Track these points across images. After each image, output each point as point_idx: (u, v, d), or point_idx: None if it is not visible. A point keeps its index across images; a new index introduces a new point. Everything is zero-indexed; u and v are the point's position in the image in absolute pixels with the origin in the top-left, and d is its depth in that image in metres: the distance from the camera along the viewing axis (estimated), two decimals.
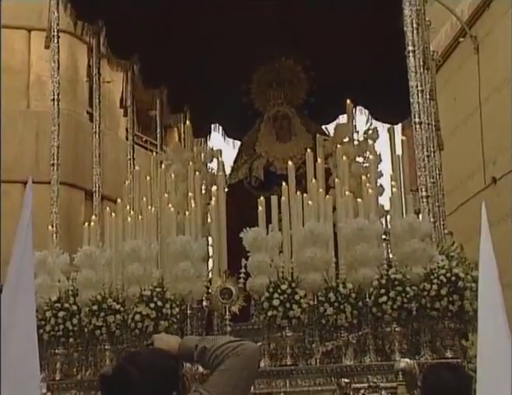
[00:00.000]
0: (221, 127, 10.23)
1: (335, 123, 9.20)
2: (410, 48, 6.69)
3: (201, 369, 4.46)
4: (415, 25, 6.80)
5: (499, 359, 3.03)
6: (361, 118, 9.25)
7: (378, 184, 7.00)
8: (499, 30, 14.25)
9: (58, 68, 7.59)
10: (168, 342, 3.15)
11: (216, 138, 10.36)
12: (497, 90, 14.00)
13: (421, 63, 6.83)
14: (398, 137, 7.90)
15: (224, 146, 9.84)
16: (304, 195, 6.41)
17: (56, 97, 7.48)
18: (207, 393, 2.92)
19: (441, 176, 8.14)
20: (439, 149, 8.15)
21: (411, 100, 6.59)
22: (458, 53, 13.77)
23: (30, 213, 3.20)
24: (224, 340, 3.10)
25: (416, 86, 6.61)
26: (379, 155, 7.41)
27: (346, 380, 5.54)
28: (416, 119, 6.53)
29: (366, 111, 9.43)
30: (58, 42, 7.51)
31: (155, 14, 8.14)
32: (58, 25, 7.50)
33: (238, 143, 9.74)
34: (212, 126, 10.28)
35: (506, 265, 11.59)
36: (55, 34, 7.48)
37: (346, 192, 6.43)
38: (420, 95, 6.64)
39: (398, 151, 7.13)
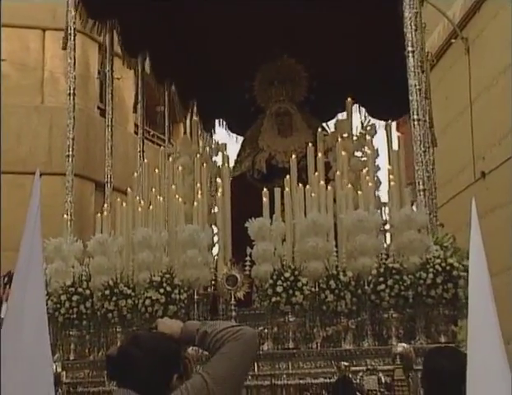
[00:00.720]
0: (224, 123, 10.21)
1: (334, 119, 9.19)
2: (410, 48, 6.68)
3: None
4: (413, 27, 6.77)
5: (488, 344, 3.00)
6: (357, 115, 9.23)
7: (375, 178, 6.97)
8: (488, 33, 14.26)
9: (74, 64, 7.54)
10: (171, 326, 3.20)
11: (220, 133, 10.38)
12: (487, 90, 14.01)
13: (419, 63, 6.81)
14: (393, 134, 8.04)
15: (227, 141, 9.82)
16: (307, 187, 6.38)
17: (72, 92, 7.44)
18: (207, 375, 2.94)
19: (434, 170, 8.12)
20: (432, 145, 8.14)
21: (410, 98, 6.57)
22: (450, 54, 13.78)
23: (39, 202, 3.20)
24: (224, 325, 3.14)
25: (415, 85, 6.59)
26: (377, 150, 7.40)
27: (346, 363, 5.51)
28: (415, 116, 6.51)
29: (363, 108, 9.44)
30: (74, 40, 7.45)
31: (165, 13, 8.11)
32: (74, 23, 7.45)
33: (241, 138, 9.73)
34: (217, 121, 10.28)
35: (495, 254, 11.58)
36: (72, 32, 7.41)
37: (348, 185, 6.42)
38: (418, 93, 6.63)
39: (394, 147, 7.16)
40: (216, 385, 2.91)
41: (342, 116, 8.93)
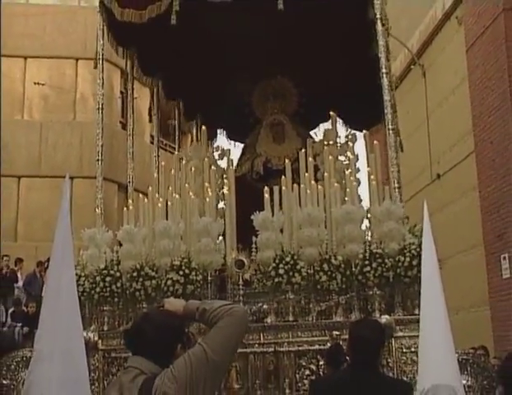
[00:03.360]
0: (225, 132, 10.07)
1: (318, 128, 9.20)
2: (384, 70, 6.69)
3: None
4: (385, 54, 6.76)
5: (436, 314, 3.05)
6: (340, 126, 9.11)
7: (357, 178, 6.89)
8: (440, 61, 14.36)
9: (103, 85, 7.41)
10: (175, 305, 3.18)
11: (221, 140, 10.24)
12: (440, 106, 14.08)
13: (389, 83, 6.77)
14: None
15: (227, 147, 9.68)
16: (301, 186, 6.27)
17: (100, 107, 7.29)
18: (206, 345, 2.92)
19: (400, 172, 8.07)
20: (400, 150, 8.06)
21: (386, 111, 6.56)
22: (410, 77, 13.90)
23: (68, 202, 3.27)
24: (220, 303, 3.11)
25: (389, 100, 6.56)
26: (357, 155, 7.34)
27: (337, 332, 5.49)
28: (390, 126, 6.53)
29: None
30: (102, 63, 7.33)
31: (175, 41, 7.94)
32: (102, 49, 7.32)
33: (238, 144, 9.61)
34: (218, 131, 10.14)
35: (448, 241, 11.55)
36: (100, 56, 7.30)
37: (335, 184, 6.32)
38: (391, 107, 6.58)
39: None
40: (213, 353, 2.90)
41: (325, 126, 8.90)
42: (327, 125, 8.82)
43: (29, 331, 13.13)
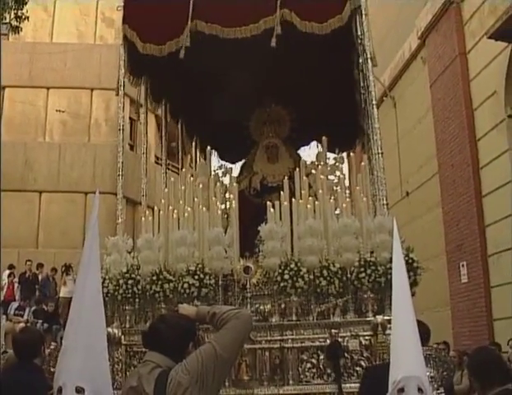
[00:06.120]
0: (216, 153, 9.78)
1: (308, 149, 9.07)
2: (374, 102, 6.56)
3: None
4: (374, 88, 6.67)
5: (406, 323, 2.98)
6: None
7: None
8: (408, 93, 14.36)
9: (123, 110, 7.16)
10: (188, 310, 3.23)
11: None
12: (408, 133, 14.05)
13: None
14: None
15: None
16: (300, 201, 6.10)
17: (121, 128, 7.03)
18: (216, 343, 2.93)
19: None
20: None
21: (375, 137, 6.40)
22: (383, 107, 13.77)
23: (97, 214, 3.06)
24: (228, 308, 3.14)
25: (378, 128, 6.41)
26: (345, 174, 7.22)
27: (335, 331, 5.34)
28: (379, 150, 6.35)
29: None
30: (124, 90, 7.10)
31: (181, 72, 7.76)
32: (124, 78, 7.10)
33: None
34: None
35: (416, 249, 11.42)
36: (122, 84, 7.04)
37: (330, 200, 6.17)
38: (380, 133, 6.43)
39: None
40: (222, 350, 2.91)
41: (315, 149, 8.76)
42: (314, 147, 8.77)
43: (48, 327, 12.94)
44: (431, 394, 3.20)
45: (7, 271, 14.80)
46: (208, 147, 8.27)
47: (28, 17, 13.17)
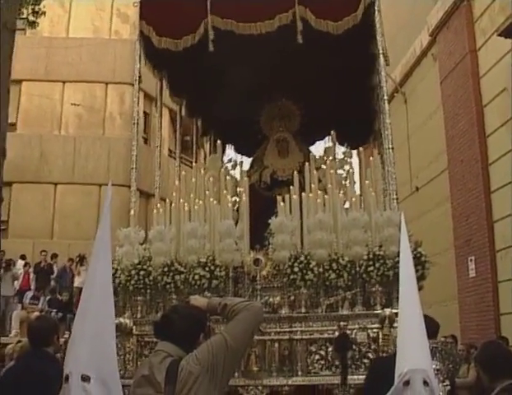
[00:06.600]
0: (233, 146, 9.81)
1: (318, 143, 8.99)
2: (385, 97, 6.55)
3: None
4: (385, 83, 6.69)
5: (413, 316, 2.97)
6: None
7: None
8: (419, 90, 14.27)
9: (138, 104, 7.14)
10: (199, 301, 3.22)
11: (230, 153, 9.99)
12: (419, 129, 13.96)
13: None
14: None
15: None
16: (310, 195, 6.07)
17: (136, 122, 7.02)
18: (227, 334, 2.94)
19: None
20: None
21: (387, 133, 6.36)
22: (394, 103, 13.65)
23: (109, 205, 3.08)
24: (239, 300, 3.17)
25: (390, 123, 6.38)
26: (353, 169, 7.24)
27: (344, 323, 5.34)
28: (390, 145, 6.30)
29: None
30: (139, 85, 7.07)
31: (197, 67, 7.74)
32: (139, 72, 7.07)
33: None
34: (227, 145, 9.89)
35: (424, 243, 11.38)
36: (137, 78, 7.03)
37: (340, 194, 6.13)
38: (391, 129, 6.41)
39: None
40: (232, 341, 2.91)
41: (321, 143, 8.74)
42: (323, 142, 8.69)
43: (62, 316, 12.99)
44: (437, 387, 3.15)
45: (22, 262, 14.90)
46: (219, 141, 8.26)
47: (45, 12, 13.21)
